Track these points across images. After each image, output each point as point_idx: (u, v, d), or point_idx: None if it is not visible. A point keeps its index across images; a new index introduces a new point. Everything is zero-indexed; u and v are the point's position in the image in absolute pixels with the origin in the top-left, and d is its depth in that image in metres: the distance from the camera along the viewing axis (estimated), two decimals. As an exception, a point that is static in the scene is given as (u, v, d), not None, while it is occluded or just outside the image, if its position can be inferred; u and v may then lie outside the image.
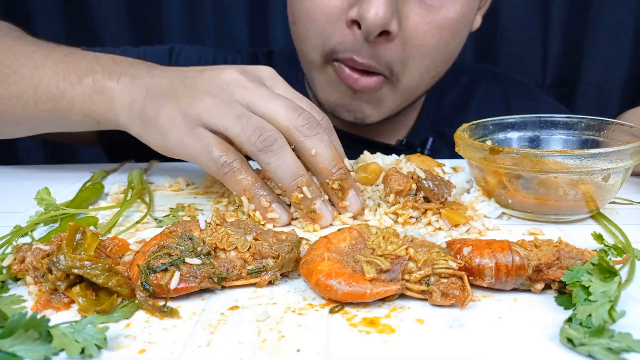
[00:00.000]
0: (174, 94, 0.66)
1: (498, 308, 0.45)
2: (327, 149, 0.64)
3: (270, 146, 0.61)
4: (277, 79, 0.70)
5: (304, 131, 0.62)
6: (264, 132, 0.61)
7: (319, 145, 0.63)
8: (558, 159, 0.59)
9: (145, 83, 0.70)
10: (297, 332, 0.42)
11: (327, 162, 0.64)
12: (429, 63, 0.89)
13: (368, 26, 0.79)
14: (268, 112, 0.63)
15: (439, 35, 0.85)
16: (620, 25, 1.63)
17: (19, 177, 0.91)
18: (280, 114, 0.63)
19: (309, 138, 0.63)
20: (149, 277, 0.46)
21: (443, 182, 0.65)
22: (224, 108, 0.63)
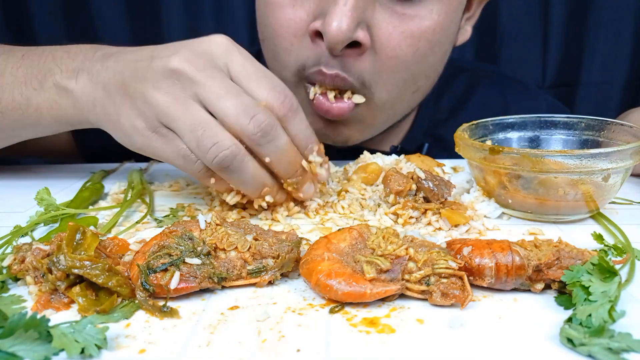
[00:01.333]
0: (128, 91, 0.63)
1: (498, 308, 0.45)
2: (281, 155, 0.61)
3: (228, 166, 0.59)
4: (231, 52, 0.63)
5: (256, 140, 0.59)
6: (221, 150, 0.58)
7: (272, 153, 0.60)
8: (558, 159, 0.59)
9: (101, 79, 0.67)
10: (297, 332, 0.42)
11: (282, 168, 0.62)
12: (406, 76, 0.83)
13: (330, 40, 0.73)
14: (219, 114, 0.59)
15: (414, 45, 0.79)
16: (620, 25, 1.63)
17: (19, 177, 0.91)
18: (230, 118, 0.58)
19: (262, 146, 0.60)
20: (149, 277, 0.46)
21: (443, 182, 0.65)
22: (178, 109, 0.59)
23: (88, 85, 0.68)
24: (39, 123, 0.75)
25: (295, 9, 0.79)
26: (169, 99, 0.60)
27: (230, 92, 0.59)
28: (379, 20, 0.77)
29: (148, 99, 0.60)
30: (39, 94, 0.73)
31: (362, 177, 0.73)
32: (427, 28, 0.79)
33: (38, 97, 0.73)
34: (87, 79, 0.69)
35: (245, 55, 0.64)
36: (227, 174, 0.60)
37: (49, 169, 0.97)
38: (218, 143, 0.58)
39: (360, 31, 0.75)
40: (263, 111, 0.59)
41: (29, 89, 0.74)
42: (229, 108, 0.58)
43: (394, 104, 0.87)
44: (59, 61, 0.73)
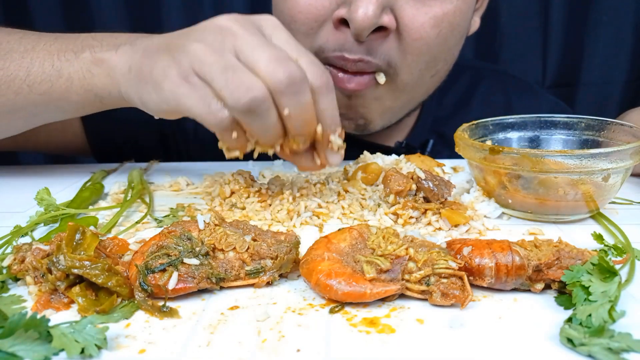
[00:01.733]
0: (169, 47, 0.63)
1: (498, 308, 0.45)
2: (300, 111, 0.60)
3: (255, 108, 0.58)
4: (278, 28, 0.64)
5: (280, 87, 0.58)
6: (249, 92, 0.57)
7: (293, 106, 0.59)
8: (558, 159, 0.59)
9: (144, 46, 0.67)
10: (297, 332, 0.42)
11: (297, 124, 0.61)
12: (429, 59, 0.86)
13: (357, 27, 0.76)
14: (251, 62, 0.59)
15: (437, 28, 0.82)
16: (620, 25, 1.63)
17: (19, 177, 0.91)
18: (261, 64, 0.58)
19: (285, 95, 0.58)
20: (147, 278, 0.46)
21: (443, 182, 0.65)
22: (213, 56, 0.59)
23: (129, 53, 0.68)
24: (67, 97, 0.73)
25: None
26: (207, 48, 0.59)
27: (267, 45, 0.60)
28: (403, 3, 0.79)
29: (187, 48, 0.60)
30: (72, 64, 0.72)
31: (363, 177, 0.73)
32: (449, 10, 0.82)
33: (70, 67, 0.72)
34: (129, 48, 0.68)
35: (290, 35, 0.64)
36: (251, 118, 0.59)
37: (49, 169, 0.97)
38: (248, 85, 0.57)
39: (386, 16, 0.78)
40: (296, 65, 0.59)
41: (61, 60, 0.72)
42: (263, 56, 0.58)
43: (414, 86, 0.90)
44: (99, 39, 0.73)
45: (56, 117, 0.79)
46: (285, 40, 0.63)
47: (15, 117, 0.78)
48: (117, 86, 0.69)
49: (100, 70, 0.70)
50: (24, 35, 0.77)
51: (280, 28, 0.64)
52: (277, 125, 0.61)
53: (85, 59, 0.71)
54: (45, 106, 0.75)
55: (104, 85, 0.70)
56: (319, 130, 0.63)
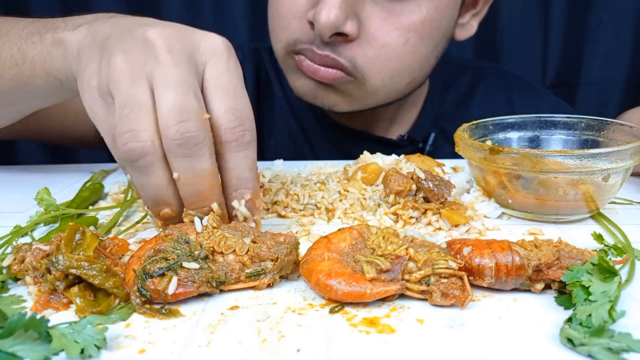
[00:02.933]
0: (106, 44, 0.56)
1: (498, 308, 0.45)
2: (193, 179, 0.52)
3: (134, 160, 0.50)
4: (219, 54, 0.55)
5: (172, 146, 0.50)
6: (133, 140, 0.50)
7: (184, 172, 0.51)
8: (558, 159, 0.59)
9: (94, 29, 0.61)
10: (297, 332, 0.42)
11: (187, 194, 0.53)
12: (400, 66, 0.88)
13: (320, 29, 0.80)
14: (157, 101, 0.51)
15: (404, 36, 0.85)
16: (620, 25, 1.63)
17: (19, 177, 0.91)
18: (162, 112, 0.50)
19: (176, 158, 0.51)
20: (145, 283, 0.45)
21: (443, 182, 0.65)
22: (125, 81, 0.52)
23: (82, 34, 0.63)
24: (32, 81, 0.71)
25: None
26: (125, 67, 0.52)
27: (180, 86, 0.51)
28: (370, 13, 0.83)
29: (111, 60, 0.53)
30: (36, 46, 0.70)
31: (363, 177, 0.74)
32: (417, 20, 0.85)
33: (34, 50, 0.70)
34: (85, 29, 0.64)
35: (231, 67, 0.55)
36: (131, 170, 0.52)
37: (49, 169, 0.97)
38: (134, 131, 0.50)
39: (349, 22, 0.81)
40: (199, 123, 0.50)
41: (28, 43, 0.71)
42: (167, 100, 0.50)
43: (388, 90, 0.93)
44: (69, 20, 0.70)
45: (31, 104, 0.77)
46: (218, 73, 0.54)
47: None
48: (70, 67, 0.64)
49: (58, 52, 0.67)
50: (3, 21, 0.77)
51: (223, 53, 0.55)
52: (162, 188, 0.52)
53: (46, 40, 0.68)
54: (15, 92, 0.74)
55: (61, 67, 0.67)
56: (215, 207, 0.53)
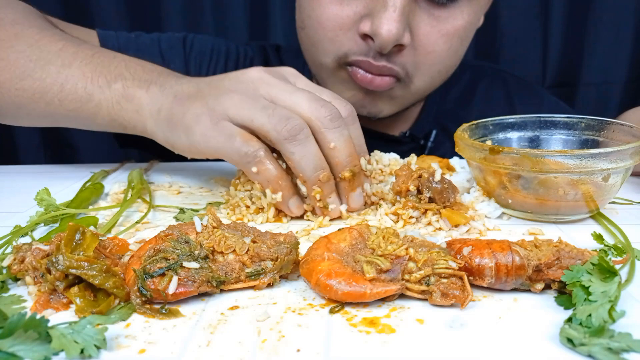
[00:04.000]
0: (200, 94, 0.68)
1: (498, 308, 0.45)
2: (345, 144, 0.64)
3: (296, 135, 0.62)
4: (299, 76, 0.72)
5: (326, 123, 0.63)
6: (290, 120, 0.61)
7: (338, 139, 0.64)
8: (558, 159, 0.59)
9: (173, 91, 0.71)
10: (297, 332, 0.42)
11: (344, 157, 0.65)
12: (441, 68, 0.93)
13: (382, 43, 0.82)
14: (291, 104, 0.64)
15: (449, 42, 0.89)
16: (620, 25, 1.63)
17: (19, 177, 0.91)
18: (303, 105, 0.64)
19: (330, 130, 0.63)
20: (146, 283, 0.45)
21: (451, 186, 0.65)
22: (249, 102, 0.64)
23: (158, 95, 0.72)
24: (93, 119, 0.78)
25: (342, 7, 0.86)
26: (242, 96, 0.65)
27: (301, 90, 0.66)
28: (419, 22, 0.86)
29: (221, 97, 0.65)
30: (103, 92, 0.76)
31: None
32: (460, 27, 0.89)
33: (101, 95, 0.76)
34: (159, 90, 0.73)
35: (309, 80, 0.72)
36: (293, 146, 0.62)
37: (49, 169, 0.97)
38: (287, 115, 0.62)
39: (406, 34, 0.84)
40: (331, 104, 0.65)
41: (94, 85, 0.76)
42: (302, 98, 0.64)
43: (428, 89, 0.98)
44: (132, 70, 0.77)
45: (79, 127, 0.83)
46: (307, 85, 0.70)
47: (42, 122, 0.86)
48: (143, 122, 0.74)
49: (129, 105, 0.74)
50: (64, 46, 0.81)
51: (301, 76, 0.72)
52: (319, 155, 0.64)
53: (116, 91, 0.75)
54: (70, 120, 0.81)
55: (130, 119, 0.75)
56: (363, 162, 0.68)
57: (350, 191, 0.67)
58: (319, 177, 0.64)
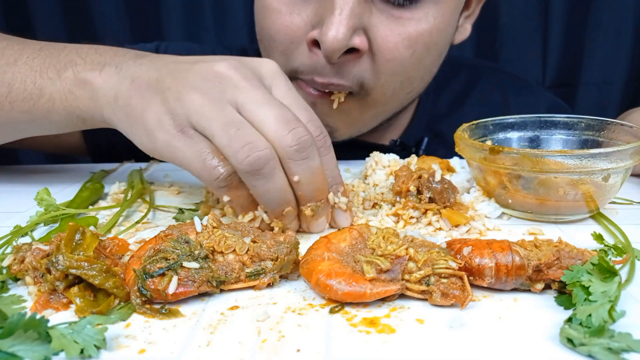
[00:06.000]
0: (161, 87, 0.60)
1: (498, 308, 0.45)
2: (311, 178, 0.57)
3: (259, 170, 0.54)
4: (278, 77, 0.62)
5: (291, 153, 0.55)
6: (254, 151, 0.53)
7: (304, 172, 0.56)
8: (558, 159, 0.59)
9: (131, 73, 0.63)
10: (297, 332, 0.42)
11: (309, 192, 0.58)
12: (403, 78, 0.84)
13: (327, 49, 0.74)
14: (257, 120, 0.55)
15: (411, 47, 0.80)
16: (620, 25, 1.63)
17: (19, 177, 0.91)
18: (269, 125, 0.55)
19: (295, 162, 0.55)
20: (146, 283, 0.45)
21: (451, 187, 0.65)
22: (212, 110, 0.56)
23: (113, 78, 0.64)
24: (48, 116, 0.71)
25: (292, 17, 0.79)
26: (205, 100, 0.56)
27: (272, 102, 0.57)
28: (376, 23, 0.78)
29: (183, 96, 0.57)
30: (54, 83, 0.69)
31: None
32: (424, 31, 0.80)
33: (52, 87, 0.69)
34: (114, 72, 0.65)
35: (290, 85, 0.62)
36: (255, 180, 0.55)
37: (49, 169, 0.97)
38: (252, 143, 0.54)
39: (357, 37, 0.76)
40: (304, 127, 0.56)
41: (43, 78, 0.69)
42: (269, 116, 0.55)
43: (386, 102, 0.89)
44: (83, 55, 0.70)
45: (40, 133, 0.77)
46: (286, 92, 0.61)
47: None
48: (100, 110, 0.66)
49: (82, 92, 0.67)
50: (7, 44, 0.75)
51: (280, 75, 0.62)
52: (285, 189, 0.57)
53: (67, 79, 0.68)
54: (26, 124, 0.74)
55: (87, 108, 0.68)
56: (330, 197, 0.61)
57: (313, 221, 0.61)
58: (282, 212, 0.58)
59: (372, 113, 0.91)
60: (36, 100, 0.70)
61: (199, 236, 0.50)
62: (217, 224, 0.52)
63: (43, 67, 0.70)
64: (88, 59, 0.69)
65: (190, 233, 0.50)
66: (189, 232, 0.50)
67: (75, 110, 0.69)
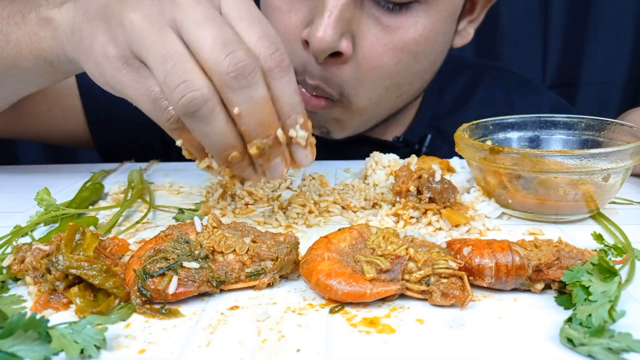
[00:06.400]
0: (107, 12, 0.54)
1: (498, 308, 0.45)
2: (253, 109, 0.50)
3: (195, 111, 0.49)
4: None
5: (227, 81, 0.49)
6: (189, 90, 0.48)
7: (244, 103, 0.50)
8: (558, 159, 0.59)
9: (84, 5, 0.59)
10: (297, 332, 0.42)
11: (252, 126, 0.51)
12: (389, 84, 0.85)
13: (314, 48, 0.75)
14: (193, 44, 0.49)
15: (396, 57, 0.80)
16: (620, 25, 1.63)
17: (19, 177, 0.91)
18: (204, 50, 0.49)
19: (234, 91, 0.49)
20: (146, 282, 0.45)
21: (451, 187, 0.65)
22: (151, 34, 0.50)
23: (71, 12, 0.61)
24: (18, 64, 0.69)
25: (290, 15, 0.80)
26: (144, 23, 0.50)
27: (212, 20, 0.50)
28: (364, 31, 0.78)
29: (123, 20, 0.51)
30: (19, 27, 0.67)
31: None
32: (411, 40, 0.80)
33: (18, 31, 0.67)
34: (72, 6, 0.62)
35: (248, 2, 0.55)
36: (192, 122, 0.51)
37: (49, 169, 0.97)
38: (188, 81, 0.48)
39: (344, 41, 0.76)
40: (245, 50, 0.49)
41: (10, 24, 0.68)
42: (206, 37, 0.49)
43: (375, 108, 0.90)
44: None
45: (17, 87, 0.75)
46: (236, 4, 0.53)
47: None
48: (63, 48, 0.63)
49: (45, 32, 0.64)
50: None
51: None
52: (227, 130, 0.51)
53: (31, 21, 0.66)
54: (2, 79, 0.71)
55: (50, 48, 0.65)
56: (279, 134, 0.53)
57: (266, 163, 0.55)
58: (228, 158, 0.53)
59: (363, 119, 0.92)
60: (4, 48, 0.69)
61: (199, 236, 0.50)
62: (217, 224, 0.52)
63: (11, 14, 0.69)
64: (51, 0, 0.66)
65: (190, 233, 0.50)
66: (189, 232, 0.50)
67: (41, 53, 0.66)
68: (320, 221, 0.66)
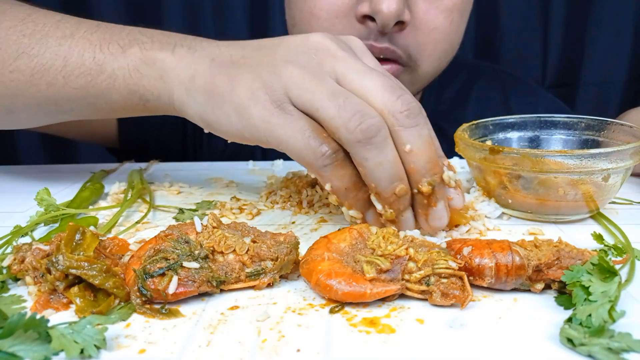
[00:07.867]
0: (249, 62, 0.56)
1: (498, 308, 0.45)
2: (424, 147, 0.53)
3: (371, 138, 0.50)
4: (367, 52, 0.61)
5: (402, 119, 0.52)
6: (366, 118, 0.50)
7: (416, 141, 0.52)
8: (558, 159, 0.59)
9: (209, 53, 0.60)
10: (297, 332, 0.42)
11: (422, 163, 0.53)
12: (447, 46, 0.90)
13: (384, 20, 0.79)
14: (361, 90, 0.53)
15: (450, 17, 0.87)
16: (620, 25, 1.63)
17: (19, 177, 0.91)
18: (375, 93, 0.52)
19: (406, 129, 0.52)
20: (146, 283, 0.45)
21: None
22: (313, 82, 0.52)
23: (188, 57, 0.61)
24: (106, 95, 0.66)
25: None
26: (303, 73, 0.53)
27: (374, 71, 0.54)
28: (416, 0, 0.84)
29: (278, 70, 0.54)
30: (117, 59, 0.64)
31: None
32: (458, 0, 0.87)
33: (115, 63, 0.64)
34: (188, 52, 0.61)
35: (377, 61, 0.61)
36: (367, 151, 0.51)
37: (49, 169, 0.97)
38: (362, 111, 0.50)
39: (406, 10, 0.82)
40: (410, 94, 0.54)
41: (104, 53, 0.64)
42: (375, 83, 0.53)
43: (435, 72, 0.94)
44: (148, 34, 0.65)
45: (88, 115, 0.72)
46: (376, 66, 0.60)
47: (43, 111, 0.70)
48: (170, 91, 0.62)
49: (150, 71, 0.63)
50: (62, 18, 0.69)
51: (368, 53, 0.61)
52: (397, 162, 0.53)
53: (133, 55, 0.63)
54: (79, 102, 0.68)
55: (153, 88, 0.63)
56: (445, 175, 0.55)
57: (431, 206, 0.55)
58: (395, 191, 0.53)
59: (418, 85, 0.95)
60: (95, 77, 0.65)
61: (199, 236, 0.50)
62: (217, 224, 0.52)
63: (103, 42, 0.65)
64: (155, 38, 0.64)
65: (190, 233, 0.50)
66: (189, 232, 0.50)
67: (139, 90, 0.64)
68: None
